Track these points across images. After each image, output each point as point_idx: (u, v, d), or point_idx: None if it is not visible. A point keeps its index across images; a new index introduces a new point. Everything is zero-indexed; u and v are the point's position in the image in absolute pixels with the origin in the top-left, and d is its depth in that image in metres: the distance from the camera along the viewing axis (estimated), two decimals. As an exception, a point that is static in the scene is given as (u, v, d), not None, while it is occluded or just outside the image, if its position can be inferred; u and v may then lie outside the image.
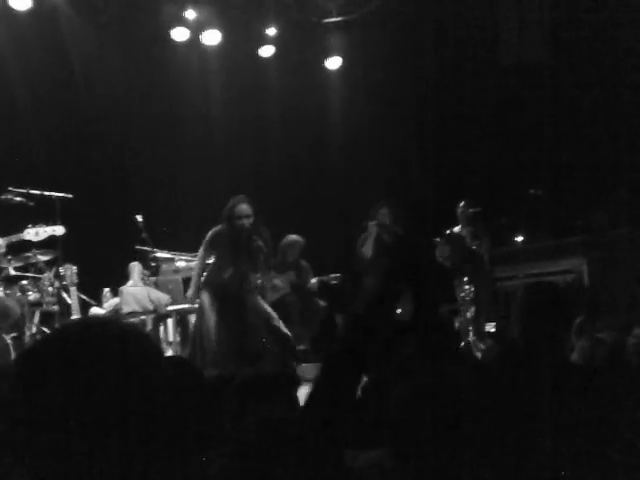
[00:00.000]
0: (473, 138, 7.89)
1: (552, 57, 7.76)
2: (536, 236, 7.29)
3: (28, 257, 5.48)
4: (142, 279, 6.32)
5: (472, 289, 6.53)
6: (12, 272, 5.44)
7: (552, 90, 7.63)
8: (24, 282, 5.59)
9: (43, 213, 5.30)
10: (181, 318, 6.04)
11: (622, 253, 6.29)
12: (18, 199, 5.35)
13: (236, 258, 5.30)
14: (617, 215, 6.75)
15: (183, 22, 7.52)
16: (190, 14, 7.49)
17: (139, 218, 6.30)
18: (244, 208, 5.24)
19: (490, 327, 6.55)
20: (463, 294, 6.44)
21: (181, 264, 6.41)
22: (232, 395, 2.59)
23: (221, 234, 5.30)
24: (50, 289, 5.52)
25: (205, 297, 5.26)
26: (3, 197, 5.34)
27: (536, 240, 7.22)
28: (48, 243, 5.33)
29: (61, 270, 5.43)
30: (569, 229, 6.85)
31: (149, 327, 5.95)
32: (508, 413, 1.73)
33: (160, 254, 6.39)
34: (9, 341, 4.92)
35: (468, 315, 6.49)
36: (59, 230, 5.07)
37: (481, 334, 6.28)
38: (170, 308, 6.04)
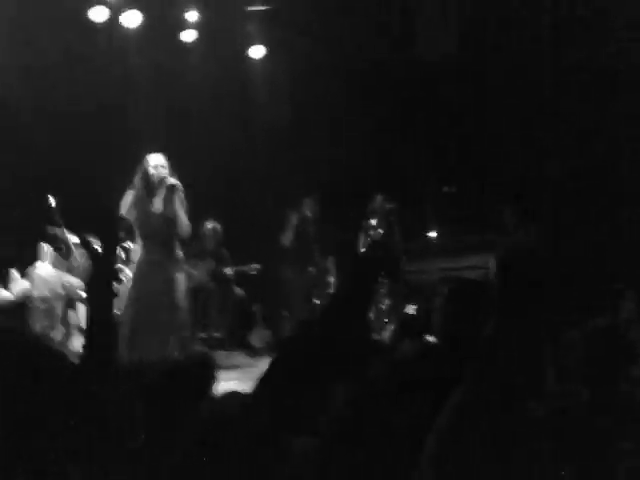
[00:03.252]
0: (390, 132, 8.06)
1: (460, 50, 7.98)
2: (448, 232, 7.54)
3: None
4: (54, 263, 6.04)
5: (385, 282, 6.71)
6: None
7: (465, 85, 7.86)
8: None
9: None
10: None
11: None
12: None
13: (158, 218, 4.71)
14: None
15: (103, 1, 7.21)
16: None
17: (51, 199, 6.02)
18: (156, 159, 4.71)
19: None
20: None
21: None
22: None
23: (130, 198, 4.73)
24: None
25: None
26: None
27: (448, 236, 7.49)
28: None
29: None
30: (481, 226, 7.14)
31: (59, 312, 5.72)
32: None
33: (72, 237, 6.12)
34: None
35: (383, 307, 6.66)
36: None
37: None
38: (82, 293, 5.83)
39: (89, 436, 1.24)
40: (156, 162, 4.76)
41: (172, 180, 4.70)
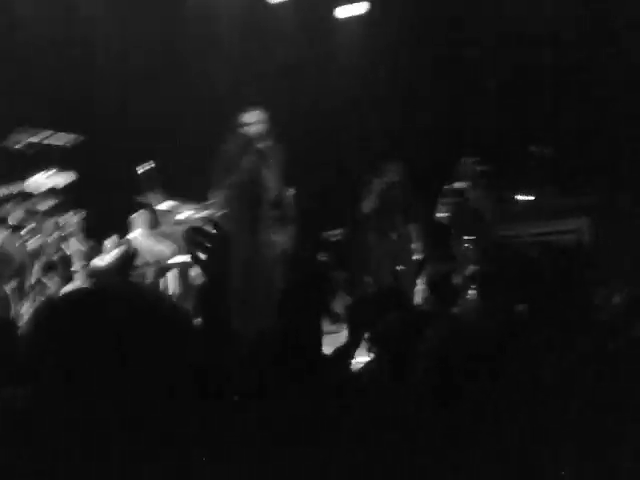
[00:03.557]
0: (481, 89, 7.76)
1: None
2: (540, 195, 7.23)
3: (30, 204, 5.44)
4: (146, 230, 6.30)
5: (471, 247, 6.54)
6: (13, 219, 5.41)
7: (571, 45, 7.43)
8: (25, 230, 5.56)
9: (49, 157, 5.26)
10: (182, 271, 6.06)
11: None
12: (24, 142, 5.30)
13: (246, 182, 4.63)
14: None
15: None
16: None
17: (146, 167, 6.25)
18: (248, 118, 4.58)
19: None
20: (463, 252, 6.45)
21: (185, 216, 6.38)
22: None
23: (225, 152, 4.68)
24: (52, 238, 5.51)
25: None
26: (8, 140, 5.30)
27: (540, 199, 7.17)
28: (51, 190, 5.29)
29: (63, 218, 5.42)
30: (574, 189, 6.79)
31: (150, 279, 5.97)
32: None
33: (164, 205, 6.36)
34: (9, 291, 4.95)
35: (466, 273, 6.49)
36: (63, 178, 5.01)
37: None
38: (172, 261, 6.05)
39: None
40: (249, 121, 4.65)
41: (262, 143, 4.59)
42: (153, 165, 6.30)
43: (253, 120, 4.68)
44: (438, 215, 6.59)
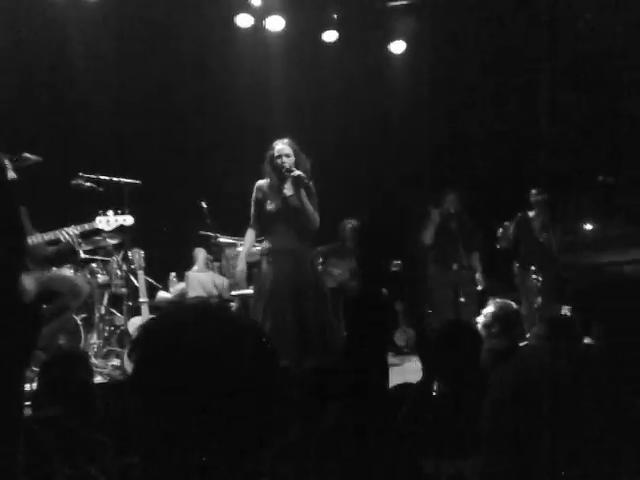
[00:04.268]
0: (544, 123, 7.67)
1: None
2: (606, 225, 7.05)
3: (98, 241, 5.65)
4: (206, 264, 6.44)
5: (539, 278, 6.42)
6: (82, 255, 5.63)
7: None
8: (94, 265, 5.78)
9: (112, 199, 5.41)
10: (243, 303, 6.14)
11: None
12: (88, 185, 5.48)
13: (286, 214, 4.55)
14: None
15: (247, 8, 7.58)
16: (255, 0, 7.53)
17: (203, 204, 6.43)
18: (281, 147, 4.54)
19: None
20: (530, 283, 6.35)
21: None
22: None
23: (262, 184, 4.63)
24: (118, 272, 5.70)
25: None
26: (74, 183, 5.49)
27: (606, 229, 7.00)
28: (118, 228, 5.43)
29: (129, 254, 5.59)
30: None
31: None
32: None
33: (223, 239, 6.49)
34: (79, 322, 5.11)
35: (535, 305, 6.38)
36: (129, 220, 5.13)
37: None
38: (233, 293, 6.15)
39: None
40: (281, 151, 4.60)
41: (296, 171, 4.52)
42: (206, 203, 6.45)
43: (284, 150, 4.59)
44: (501, 245, 6.51)
